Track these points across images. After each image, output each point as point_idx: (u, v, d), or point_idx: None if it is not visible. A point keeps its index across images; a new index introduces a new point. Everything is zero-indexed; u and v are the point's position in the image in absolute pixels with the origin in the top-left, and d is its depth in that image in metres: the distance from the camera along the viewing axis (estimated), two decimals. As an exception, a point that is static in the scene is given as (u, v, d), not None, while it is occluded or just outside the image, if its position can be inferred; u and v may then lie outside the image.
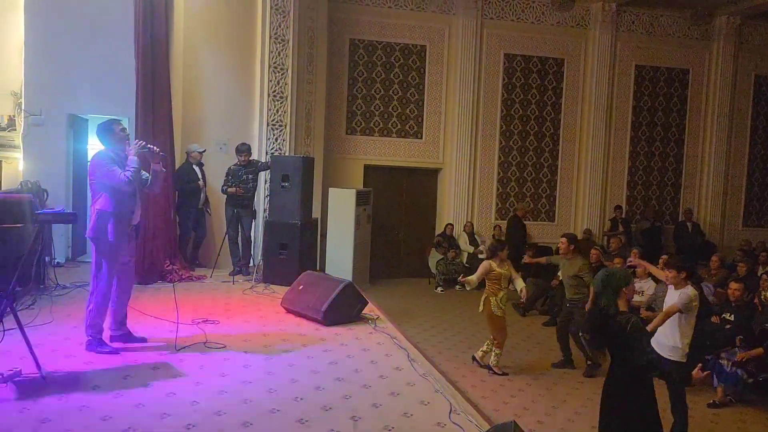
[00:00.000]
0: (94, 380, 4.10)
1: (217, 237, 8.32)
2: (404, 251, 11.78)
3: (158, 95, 7.65)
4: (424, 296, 10.17)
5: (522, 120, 11.98)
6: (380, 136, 11.45)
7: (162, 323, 5.48)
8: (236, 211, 7.97)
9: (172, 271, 7.48)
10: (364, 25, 11.18)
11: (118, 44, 7.89)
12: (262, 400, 3.93)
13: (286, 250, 7.55)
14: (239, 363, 4.62)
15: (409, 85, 11.51)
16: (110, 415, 3.58)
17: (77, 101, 8.17)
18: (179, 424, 3.51)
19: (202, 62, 8.58)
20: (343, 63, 11.15)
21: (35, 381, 3.97)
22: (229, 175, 7.99)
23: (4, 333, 4.31)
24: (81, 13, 8.08)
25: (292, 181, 7.65)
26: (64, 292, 6.55)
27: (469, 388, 5.48)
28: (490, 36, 11.72)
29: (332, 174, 10.77)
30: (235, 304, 6.53)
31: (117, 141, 4.81)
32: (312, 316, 5.90)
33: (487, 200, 11.94)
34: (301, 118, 9.55)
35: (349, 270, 9.18)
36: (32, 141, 8.13)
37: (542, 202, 12.19)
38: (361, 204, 9.76)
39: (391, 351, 5.14)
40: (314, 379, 4.37)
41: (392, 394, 4.12)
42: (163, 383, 4.12)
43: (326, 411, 3.80)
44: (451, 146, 11.65)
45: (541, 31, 11.90)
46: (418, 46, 11.48)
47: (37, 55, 8.04)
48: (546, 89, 12.04)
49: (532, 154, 12.08)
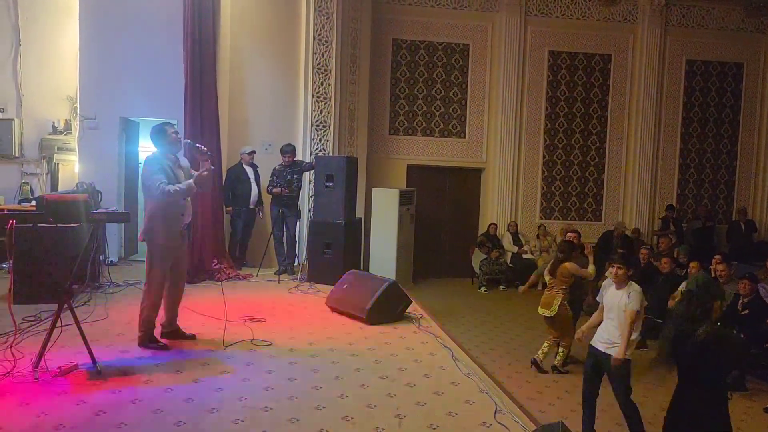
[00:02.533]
0: (146, 375, 4.22)
1: (263, 237, 8.44)
2: (447, 251, 11.74)
3: (205, 97, 7.82)
4: (468, 296, 10.10)
5: (567, 118, 11.78)
6: (423, 135, 11.43)
7: (210, 321, 5.60)
8: (281, 210, 8.07)
9: (220, 270, 7.64)
10: (406, 24, 11.19)
11: (167, 48, 8.11)
12: (308, 397, 3.97)
13: (331, 249, 7.62)
14: (285, 360, 4.68)
15: (452, 84, 11.46)
16: (161, 408, 3.67)
17: (129, 104, 8.42)
18: (227, 418, 3.58)
19: (247, 64, 8.74)
20: (386, 63, 11.18)
21: (91, 375, 4.12)
22: (275, 176, 8.11)
23: (62, 328, 4.47)
24: (132, 19, 8.32)
25: (336, 181, 7.71)
26: (117, 290, 6.76)
27: (515, 388, 5.41)
28: (534, 33, 11.56)
29: (375, 174, 10.81)
30: (280, 303, 6.62)
31: (169, 143, 4.91)
32: (356, 314, 5.94)
33: (531, 199, 11.79)
34: (345, 119, 9.62)
35: (392, 269, 9.20)
36: (87, 144, 8.42)
37: (588, 201, 11.96)
38: (405, 204, 9.77)
39: (435, 350, 5.13)
40: (359, 377, 4.39)
41: (436, 393, 4.11)
42: (212, 379, 4.21)
43: (371, 409, 3.82)
44: (495, 145, 11.54)
45: (586, 27, 11.68)
46: (460, 44, 11.42)
47: (90, 60, 8.32)
48: (592, 86, 11.81)
49: (577, 152, 11.87)
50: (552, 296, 6.19)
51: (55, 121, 8.80)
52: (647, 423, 4.71)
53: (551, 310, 6.14)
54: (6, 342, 4.62)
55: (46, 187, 8.74)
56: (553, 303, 6.13)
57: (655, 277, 8.09)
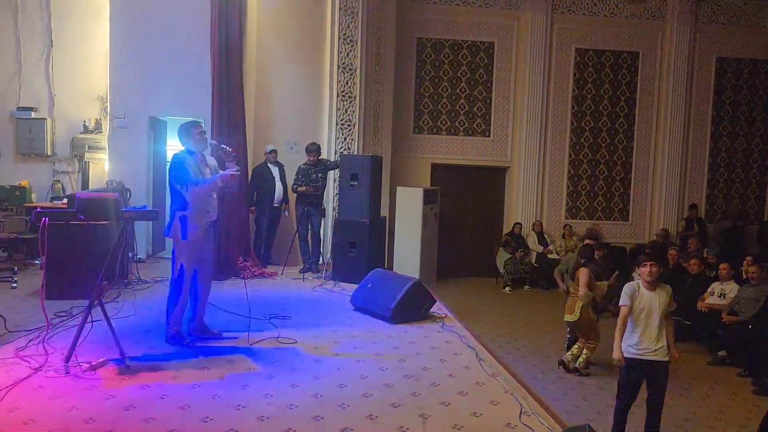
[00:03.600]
0: (173, 371, 4.28)
1: (288, 235, 8.50)
2: (471, 250, 11.70)
3: (232, 96, 7.89)
4: (492, 296, 10.06)
5: (594, 116, 11.65)
6: (447, 134, 11.40)
7: (236, 318, 5.66)
8: (306, 209, 8.12)
9: (245, 268, 7.71)
10: (431, 23, 11.16)
11: (195, 49, 8.22)
12: (332, 395, 3.99)
13: (355, 248, 7.64)
14: (310, 358, 4.71)
15: (477, 83, 11.41)
16: (189, 404, 3.72)
17: (157, 104, 8.55)
18: (253, 415, 3.61)
19: (273, 63, 8.80)
20: (411, 62, 11.17)
21: (120, 370, 4.19)
22: (299, 174, 8.15)
23: (93, 324, 4.56)
24: (161, 21, 8.44)
25: (361, 180, 7.72)
26: (145, 287, 6.87)
27: (540, 390, 5.37)
28: (561, 31, 11.46)
29: (400, 173, 10.81)
30: (305, 301, 6.67)
31: (194, 143, 4.96)
32: (380, 313, 5.95)
33: (556, 199, 11.68)
34: (370, 118, 9.64)
35: (416, 268, 9.20)
36: (116, 143, 8.57)
37: (615, 200, 11.81)
38: (429, 202, 9.76)
39: (459, 350, 5.12)
40: (383, 375, 4.40)
41: (461, 394, 4.10)
42: (238, 376, 4.25)
43: (395, 408, 3.83)
44: (520, 144, 11.46)
45: (614, 24, 11.53)
46: (485, 42, 11.36)
47: (121, 61, 8.47)
48: (619, 84, 11.66)
49: (604, 152, 11.73)
50: (574, 301, 6.19)
51: (86, 121, 8.98)
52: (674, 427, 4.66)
53: (574, 315, 6.15)
54: (38, 337, 4.73)
55: (77, 185, 8.93)
56: (575, 307, 6.14)
57: (684, 278, 7.97)
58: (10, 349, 4.50)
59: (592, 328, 6.20)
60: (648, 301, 4.33)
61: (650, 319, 4.32)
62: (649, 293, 4.34)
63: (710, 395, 5.83)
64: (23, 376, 3.97)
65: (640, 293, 4.36)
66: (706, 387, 6.05)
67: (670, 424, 4.91)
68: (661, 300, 4.34)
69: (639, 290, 4.38)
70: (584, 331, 6.21)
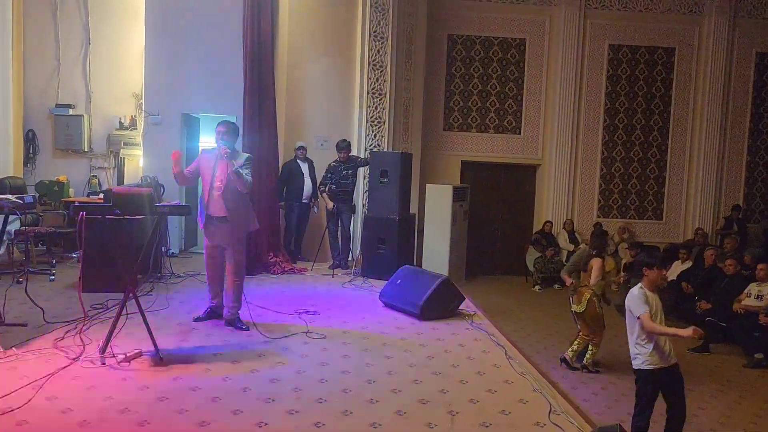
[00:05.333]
0: (205, 364, 4.36)
1: (318, 231, 8.56)
2: (501, 248, 11.62)
3: (264, 94, 7.96)
4: (521, 294, 9.98)
5: (627, 113, 11.45)
6: (477, 132, 11.34)
7: (266, 312, 5.73)
8: (337, 206, 8.16)
9: (275, 264, 7.79)
10: (462, 20, 11.10)
11: (227, 47, 8.32)
12: (361, 390, 4.02)
13: (385, 244, 7.66)
14: (339, 353, 4.74)
15: (508, 80, 11.31)
16: (220, 396, 3.78)
17: (190, 101, 8.68)
18: (283, 409, 3.65)
19: (304, 61, 8.86)
20: (441, 59, 11.13)
21: (154, 362, 4.28)
22: (329, 172, 8.19)
23: (128, 316, 4.67)
24: (194, 20, 8.58)
25: (391, 177, 7.73)
26: (177, 281, 6.99)
27: (569, 389, 5.32)
28: (594, 26, 11.29)
29: (429, 170, 10.79)
30: (334, 297, 6.71)
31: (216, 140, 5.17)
32: (409, 310, 5.96)
33: (588, 197, 11.53)
34: (400, 115, 9.64)
35: (445, 266, 9.17)
36: (151, 139, 8.73)
37: (649, 199, 11.61)
38: (458, 200, 9.71)
39: (488, 348, 5.10)
40: (411, 372, 4.41)
41: (489, 391, 4.09)
42: (268, 370, 4.30)
43: (423, 404, 3.83)
44: (551, 141, 11.34)
45: (649, 19, 11.31)
46: (517, 39, 11.26)
47: (155, 59, 8.63)
48: (654, 80, 11.44)
49: (638, 149, 11.53)
50: (582, 292, 6.13)
51: (121, 117, 9.17)
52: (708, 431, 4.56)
53: (580, 306, 6.08)
54: (75, 328, 4.86)
55: (112, 181, 9.12)
56: (582, 299, 6.08)
57: (720, 278, 7.79)
58: (48, 340, 4.63)
59: (597, 322, 6.11)
60: (656, 303, 4.23)
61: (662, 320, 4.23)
62: (653, 294, 4.24)
63: (746, 398, 5.69)
64: (61, 366, 4.08)
65: (648, 297, 4.22)
66: (742, 390, 5.91)
67: (705, 428, 4.82)
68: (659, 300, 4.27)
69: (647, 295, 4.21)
70: (588, 323, 6.15)
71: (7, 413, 3.35)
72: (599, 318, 6.11)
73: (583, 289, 6.18)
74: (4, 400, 3.49)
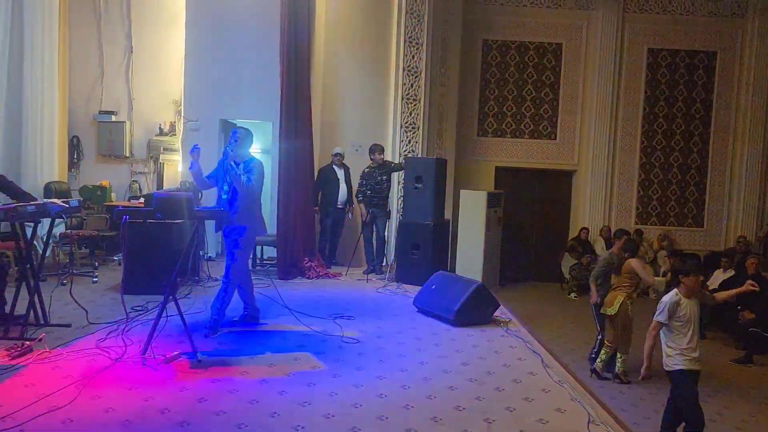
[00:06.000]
0: (242, 366, 4.41)
1: (352, 236, 8.60)
2: (536, 255, 11.51)
3: (300, 99, 8.04)
4: (557, 301, 9.86)
5: (667, 118, 11.24)
6: (512, 137, 11.26)
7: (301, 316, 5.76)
8: (371, 211, 8.18)
9: (310, 268, 7.84)
10: (497, 25, 11.06)
11: (265, 54, 8.43)
12: (396, 395, 4.01)
13: (419, 250, 7.65)
14: (374, 358, 4.75)
15: (544, 85, 11.22)
16: (257, 399, 3.82)
17: (228, 107, 8.82)
18: (319, 412, 3.67)
19: (339, 67, 8.93)
20: (476, 64, 11.10)
21: (192, 364, 4.35)
22: (364, 178, 8.22)
23: (167, 318, 4.76)
24: (232, 28, 8.71)
25: (425, 183, 7.73)
26: (215, 284, 7.05)
27: (607, 399, 5.22)
28: (633, 30, 11.13)
29: (463, 176, 10.76)
30: (369, 302, 6.72)
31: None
32: (444, 316, 5.93)
33: (626, 204, 11.34)
34: (434, 121, 9.63)
35: (479, 272, 9.11)
36: (189, 144, 8.82)
37: (689, 206, 11.36)
38: (492, 206, 9.65)
39: (524, 355, 5.04)
40: (446, 378, 4.39)
41: (526, 400, 4.04)
42: (303, 373, 4.33)
43: (459, 411, 3.81)
44: (588, 147, 11.19)
45: (690, 23, 11.11)
46: (553, 44, 11.17)
47: (195, 66, 8.79)
48: (695, 85, 11.21)
49: (678, 155, 11.30)
50: (614, 295, 6.05)
51: (161, 124, 9.37)
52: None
53: (612, 308, 6.01)
54: (117, 329, 4.98)
55: (152, 185, 9.32)
56: (615, 301, 6.00)
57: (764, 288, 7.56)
58: (91, 341, 4.75)
59: (626, 327, 6.04)
60: (691, 309, 4.34)
61: (695, 327, 4.35)
62: (689, 301, 4.36)
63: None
64: (104, 366, 4.18)
65: (681, 304, 4.35)
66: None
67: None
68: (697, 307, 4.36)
69: (680, 300, 4.36)
70: (617, 328, 6.04)
71: (53, 411, 3.45)
72: (629, 322, 6.02)
73: (617, 291, 6.10)
74: (50, 399, 3.60)
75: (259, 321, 5.52)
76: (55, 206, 5.01)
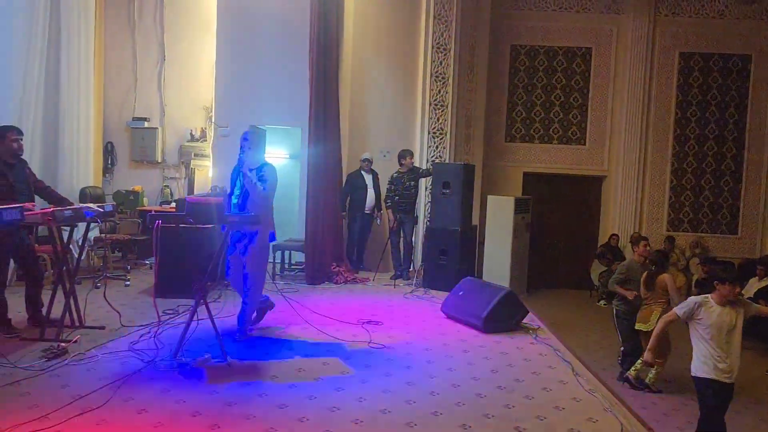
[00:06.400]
0: (271, 371, 4.44)
1: (380, 241, 8.61)
2: (564, 261, 11.37)
3: (329, 105, 8.10)
4: (586, 309, 9.73)
5: (700, 123, 11.04)
6: (540, 142, 11.17)
7: (329, 322, 5.79)
8: (399, 216, 8.20)
9: (338, 273, 7.88)
10: (526, 30, 11.00)
11: (294, 61, 8.51)
12: (425, 402, 4.00)
13: (446, 256, 7.63)
14: (402, 364, 4.74)
15: (573, 90, 11.11)
16: (286, 403, 3.84)
17: (258, 113, 8.90)
18: (347, 418, 3.68)
19: (367, 73, 8.98)
20: (504, 70, 11.05)
21: (222, 367, 4.40)
22: (392, 184, 8.24)
23: (198, 322, 4.82)
24: (262, 35, 8.82)
25: (453, 188, 7.71)
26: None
27: (639, 409, 5.14)
28: (664, 34, 10.96)
29: (491, 181, 10.70)
30: (396, 307, 6.72)
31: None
32: (472, 322, 5.90)
33: (657, 210, 11.15)
34: (462, 126, 9.61)
35: (506, 278, 9.05)
36: (220, 150, 9.01)
37: (722, 212, 11.12)
38: (520, 212, 9.59)
39: (553, 363, 4.99)
40: (475, 385, 4.36)
41: (557, 408, 4.00)
42: (332, 378, 4.34)
43: (488, 419, 3.78)
44: (618, 152, 11.05)
45: (723, 26, 10.90)
46: (582, 48, 11.07)
47: (225, 73, 8.92)
48: (729, 89, 10.99)
49: (711, 160, 11.08)
50: (650, 310, 5.94)
51: (192, 130, 9.51)
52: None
53: (648, 325, 5.90)
54: (149, 332, 5.06)
55: (183, 191, 9.46)
56: (651, 317, 5.90)
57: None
58: (124, 343, 4.84)
59: (664, 343, 5.89)
60: (721, 318, 4.19)
61: (732, 336, 4.21)
62: (722, 309, 4.21)
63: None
64: (136, 369, 4.25)
65: (709, 309, 4.23)
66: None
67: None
68: (740, 315, 4.21)
69: (708, 306, 4.25)
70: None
71: (88, 412, 3.51)
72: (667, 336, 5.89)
73: (651, 307, 6.00)
74: (84, 400, 3.67)
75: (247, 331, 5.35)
76: (91, 211, 5.11)
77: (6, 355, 4.31)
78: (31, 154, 6.85)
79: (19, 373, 4.08)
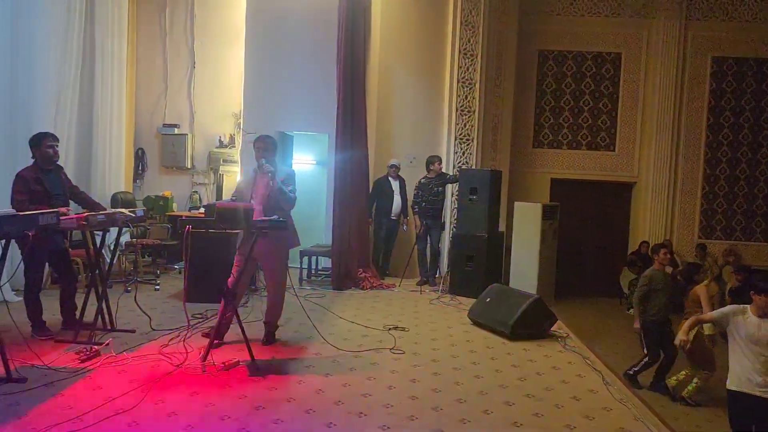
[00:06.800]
0: (299, 375, 4.46)
1: (406, 247, 8.60)
2: (593, 269, 11.22)
3: (356, 112, 8.14)
4: (615, 317, 9.58)
5: (733, 129, 10.83)
6: (568, 148, 11.07)
7: (355, 327, 5.80)
8: (426, 222, 8.18)
9: (364, 279, 7.90)
10: (554, 35, 10.93)
11: (322, 67, 8.56)
12: (452, 409, 3.98)
13: (473, 262, 7.60)
14: (429, 371, 4.73)
15: (602, 95, 10.99)
16: (313, 408, 3.86)
17: (286, 120, 8.99)
18: (374, 424, 3.68)
19: (394, 79, 8.99)
20: (532, 75, 10.99)
21: (250, 371, 4.43)
22: (420, 189, 8.23)
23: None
24: (290, 42, 8.88)
25: (480, 194, 7.68)
26: (270, 294, 7.20)
27: (670, 419, 5.04)
28: (696, 38, 10.79)
29: (518, 187, 10.62)
30: (422, 314, 6.71)
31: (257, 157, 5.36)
32: (499, 329, 5.86)
33: (689, 217, 10.95)
34: (488, 132, 9.57)
35: (533, 285, 8.93)
36: (248, 156, 9.08)
37: (757, 220, 10.88)
38: (548, 218, 9.46)
39: (583, 372, 4.92)
40: (503, 393, 4.32)
41: (587, 418, 3.94)
42: (359, 384, 4.34)
43: (517, 427, 3.75)
44: (648, 158, 10.89)
45: (757, 29, 10.70)
46: (612, 53, 10.95)
47: (254, 80, 9.02)
48: (763, 94, 10.76)
49: (744, 167, 10.86)
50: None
51: (221, 136, 9.63)
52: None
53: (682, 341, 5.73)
54: (179, 336, 5.12)
55: (212, 196, 9.57)
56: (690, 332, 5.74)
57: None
58: (155, 346, 4.91)
59: (706, 357, 5.75)
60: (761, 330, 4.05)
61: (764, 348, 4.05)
62: (760, 321, 4.07)
63: None
64: (166, 372, 4.31)
65: (746, 320, 4.09)
66: None
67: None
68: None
69: (745, 316, 4.11)
70: (696, 358, 5.79)
71: (120, 414, 3.57)
72: (708, 352, 5.77)
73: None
74: (116, 402, 3.73)
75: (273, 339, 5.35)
76: (123, 216, 5.21)
77: (41, 357, 4.40)
78: (66, 161, 6.99)
79: (54, 374, 4.16)
